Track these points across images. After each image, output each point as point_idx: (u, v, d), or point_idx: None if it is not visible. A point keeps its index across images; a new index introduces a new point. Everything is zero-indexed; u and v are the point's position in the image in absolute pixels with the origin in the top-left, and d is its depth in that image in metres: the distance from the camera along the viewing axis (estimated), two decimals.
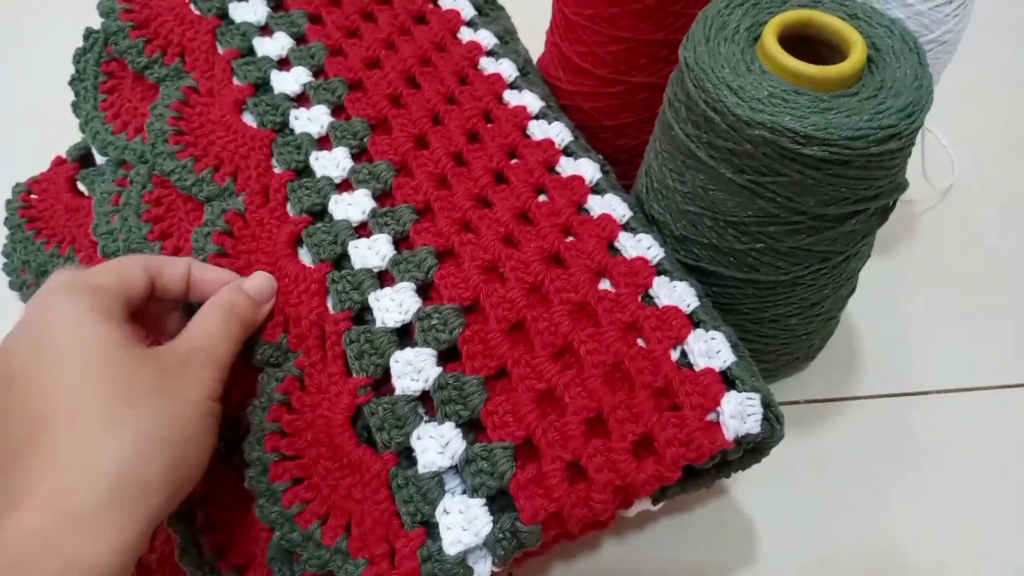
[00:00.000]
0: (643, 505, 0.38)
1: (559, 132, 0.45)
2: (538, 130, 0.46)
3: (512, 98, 0.47)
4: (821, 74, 0.37)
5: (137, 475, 0.25)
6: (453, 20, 0.51)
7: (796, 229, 0.40)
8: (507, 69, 0.49)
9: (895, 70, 0.38)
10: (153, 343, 0.32)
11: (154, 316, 0.34)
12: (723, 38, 0.40)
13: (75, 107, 0.49)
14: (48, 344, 0.26)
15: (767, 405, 0.36)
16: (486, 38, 0.50)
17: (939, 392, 0.52)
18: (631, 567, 0.45)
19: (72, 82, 0.50)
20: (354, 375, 0.36)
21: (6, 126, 0.65)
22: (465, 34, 0.51)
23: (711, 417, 0.35)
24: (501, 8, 0.56)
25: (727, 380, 0.36)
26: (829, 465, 0.49)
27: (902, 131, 0.36)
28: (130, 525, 0.25)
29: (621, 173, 0.48)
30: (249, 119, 0.44)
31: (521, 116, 0.46)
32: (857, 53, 0.38)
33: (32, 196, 0.55)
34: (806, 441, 0.49)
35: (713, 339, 0.37)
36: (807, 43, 0.40)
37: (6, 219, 0.55)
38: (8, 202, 0.55)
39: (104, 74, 0.49)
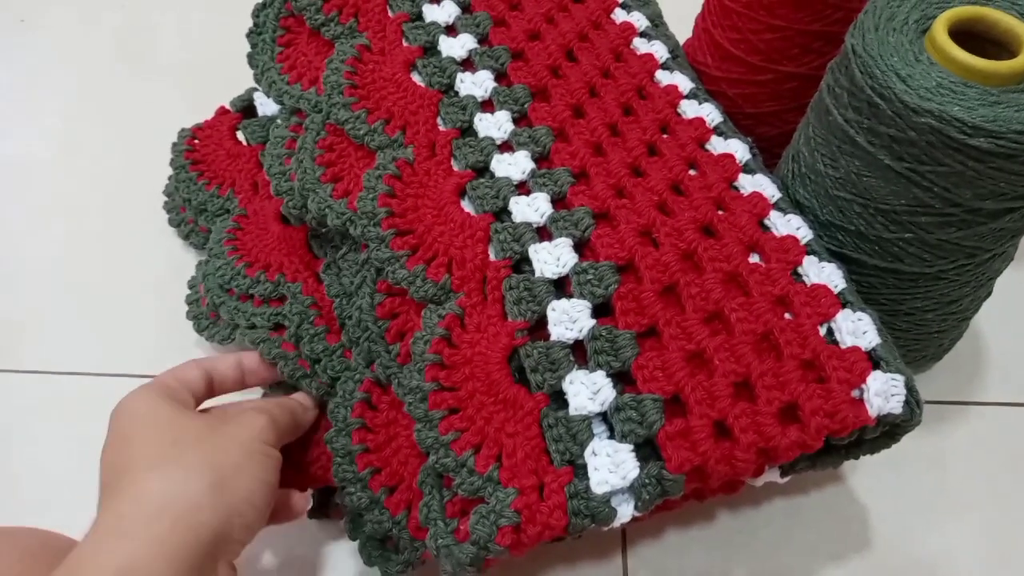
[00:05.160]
0: (772, 475, 0.39)
1: (710, 112, 0.47)
2: (689, 108, 0.47)
3: (664, 77, 0.49)
4: (992, 68, 0.38)
5: (180, 497, 0.33)
6: (608, 1, 0.53)
7: (948, 221, 0.40)
8: (659, 50, 0.50)
9: None
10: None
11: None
12: (891, 28, 0.40)
13: (251, 58, 0.53)
14: (131, 418, 0.37)
15: (910, 388, 0.36)
16: (639, 20, 0.52)
17: None
18: (743, 540, 0.46)
19: (250, 34, 0.53)
20: (510, 319, 0.38)
21: (170, 76, 0.70)
22: (619, 15, 0.52)
23: (855, 393, 0.35)
24: None
25: (872, 360, 0.37)
26: (947, 466, 0.49)
27: None
28: (173, 535, 0.31)
29: None
30: (417, 79, 0.47)
31: (673, 94, 0.47)
32: None
33: (195, 140, 0.59)
34: (926, 440, 0.49)
35: (860, 320, 0.38)
36: (971, 39, 0.40)
37: (171, 160, 0.59)
38: (174, 144, 0.59)
39: (282, 28, 0.52)
